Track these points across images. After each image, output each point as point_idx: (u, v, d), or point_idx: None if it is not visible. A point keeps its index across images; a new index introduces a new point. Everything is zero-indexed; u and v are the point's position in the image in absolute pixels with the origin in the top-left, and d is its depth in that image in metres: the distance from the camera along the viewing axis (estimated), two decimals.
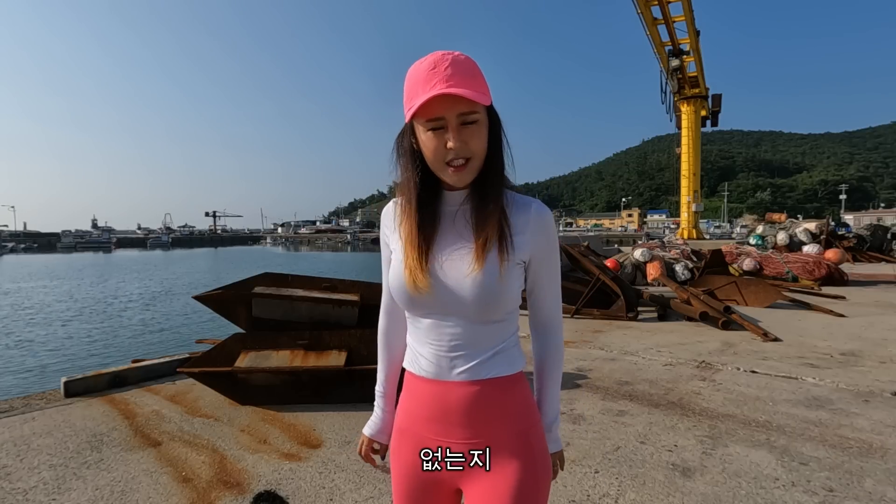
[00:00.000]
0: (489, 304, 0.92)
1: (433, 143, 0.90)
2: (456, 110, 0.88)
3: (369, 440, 1.12)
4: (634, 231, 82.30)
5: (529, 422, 0.96)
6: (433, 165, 0.93)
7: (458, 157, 0.90)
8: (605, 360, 4.50)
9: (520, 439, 0.94)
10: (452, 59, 0.88)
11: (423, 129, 0.91)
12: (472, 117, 0.89)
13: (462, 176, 0.92)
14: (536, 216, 0.97)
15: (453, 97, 0.86)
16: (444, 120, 0.88)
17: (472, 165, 0.92)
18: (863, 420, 3.03)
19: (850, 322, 6.14)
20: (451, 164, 0.91)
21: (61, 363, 9.11)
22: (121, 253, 70.06)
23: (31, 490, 2.31)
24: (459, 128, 0.89)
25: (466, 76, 0.88)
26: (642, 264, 10.57)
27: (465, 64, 0.89)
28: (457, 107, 0.87)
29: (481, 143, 0.92)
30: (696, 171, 26.09)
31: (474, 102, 0.88)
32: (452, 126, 0.88)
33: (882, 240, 15.88)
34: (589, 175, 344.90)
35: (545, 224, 0.98)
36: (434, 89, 0.86)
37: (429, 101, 0.87)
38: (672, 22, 21.67)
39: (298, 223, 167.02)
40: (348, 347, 3.43)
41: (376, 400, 1.13)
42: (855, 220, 44.82)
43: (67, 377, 3.66)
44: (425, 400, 0.96)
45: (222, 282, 4.12)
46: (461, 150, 0.89)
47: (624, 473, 2.41)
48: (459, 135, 0.89)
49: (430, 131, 0.90)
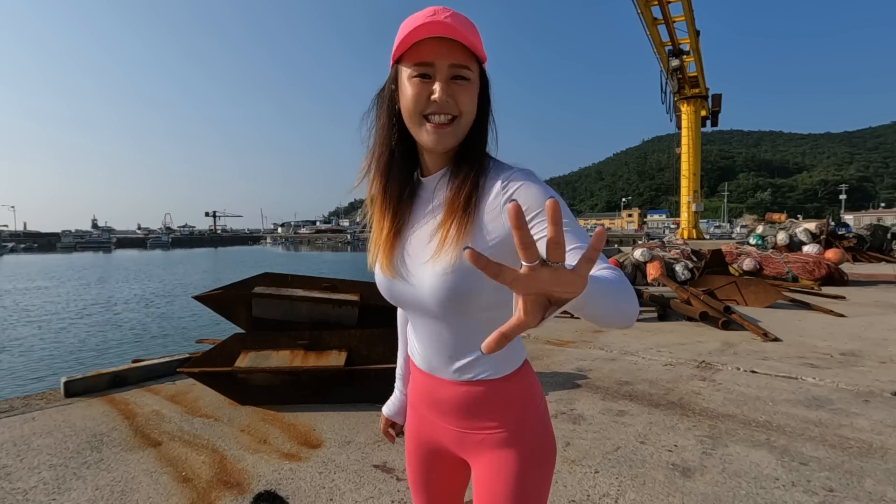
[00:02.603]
0: (451, 300, 0.80)
1: (414, 90, 0.79)
2: (449, 58, 0.78)
3: (386, 419, 1.16)
4: (634, 231, 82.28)
5: (525, 412, 0.89)
6: (410, 118, 0.82)
7: (441, 112, 0.79)
8: (605, 360, 4.50)
9: (515, 426, 0.88)
10: (453, 11, 0.80)
11: (408, 75, 0.80)
12: (465, 73, 0.80)
13: (442, 136, 0.81)
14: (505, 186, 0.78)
15: (448, 43, 0.77)
16: (433, 67, 0.78)
17: (456, 126, 0.81)
18: (863, 420, 3.03)
19: (850, 322, 6.13)
20: (430, 120, 0.80)
21: (61, 363, 9.10)
22: (121, 253, 70.05)
23: (31, 490, 2.31)
24: (449, 81, 0.79)
25: (467, 29, 0.79)
26: (642, 264, 10.57)
27: (467, 20, 0.81)
28: (451, 54, 0.78)
29: (470, 102, 0.81)
30: (696, 171, 26.12)
31: (469, 58, 0.79)
32: (442, 76, 0.79)
33: (882, 240, 15.87)
34: (589, 175, 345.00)
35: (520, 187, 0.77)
36: (428, 27, 0.76)
37: (420, 42, 0.78)
38: (672, 22, 21.70)
39: (298, 223, 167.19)
40: (348, 347, 3.43)
41: (396, 381, 1.15)
42: (855, 220, 44.82)
43: (67, 377, 3.66)
44: (420, 389, 0.97)
45: (222, 282, 4.12)
46: (446, 104, 0.79)
47: (624, 473, 2.41)
48: (448, 87, 0.79)
49: (415, 77, 0.79)
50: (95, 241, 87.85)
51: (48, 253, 67.42)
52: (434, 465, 1.00)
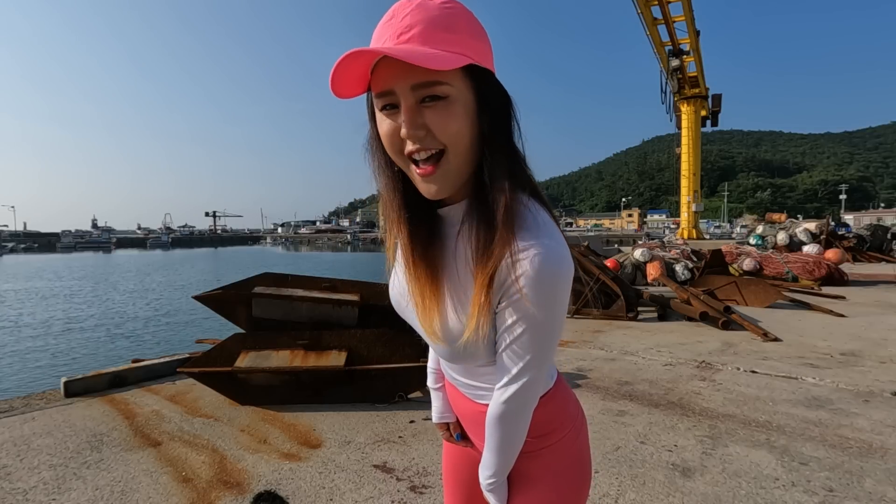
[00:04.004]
0: (455, 358, 0.78)
1: (384, 128, 0.66)
2: (408, 80, 0.62)
3: (440, 426, 1.02)
4: (634, 231, 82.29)
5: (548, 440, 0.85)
6: (396, 161, 0.69)
7: (421, 149, 0.64)
8: (605, 360, 4.50)
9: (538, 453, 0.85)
10: (420, 3, 0.63)
11: (377, 108, 0.67)
12: (436, 90, 0.62)
13: (431, 184, 0.66)
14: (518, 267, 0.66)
15: (402, 61, 0.59)
16: (395, 95, 0.64)
17: (445, 166, 0.65)
18: (863, 420, 3.03)
19: (850, 322, 6.13)
20: (415, 162, 0.66)
21: (61, 363, 9.10)
22: (120, 253, 70.05)
23: (31, 490, 2.31)
24: (417, 106, 0.63)
25: (435, 28, 0.62)
26: (642, 264, 10.57)
27: (440, 10, 0.63)
28: (408, 75, 0.61)
29: (457, 128, 0.64)
30: (696, 171, 26.11)
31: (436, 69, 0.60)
32: (406, 104, 0.63)
33: (882, 240, 15.87)
34: (589, 175, 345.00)
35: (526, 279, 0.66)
36: (369, 51, 0.61)
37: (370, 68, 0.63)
38: (672, 22, 21.69)
39: (298, 223, 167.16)
40: (348, 347, 3.43)
41: (427, 380, 1.05)
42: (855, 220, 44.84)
43: (67, 377, 3.66)
44: (450, 395, 0.97)
45: (222, 282, 4.12)
46: (417, 138, 0.64)
47: (624, 473, 2.40)
48: (415, 116, 0.63)
49: (382, 110, 0.66)
50: (95, 241, 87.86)
51: (48, 253, 67.44)
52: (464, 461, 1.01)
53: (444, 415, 1.01)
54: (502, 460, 0.81)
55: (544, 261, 0.65)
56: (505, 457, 0.81)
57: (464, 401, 0.91)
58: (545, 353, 0.72)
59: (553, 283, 0.66)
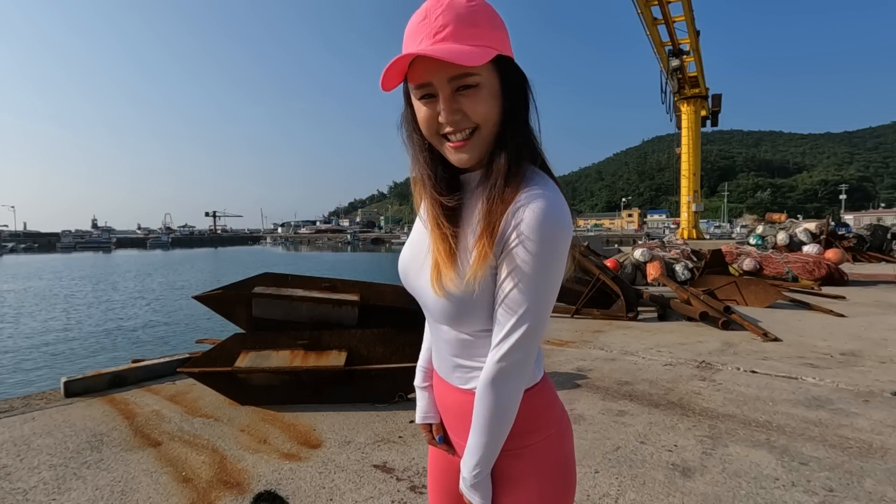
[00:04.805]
0: (456, 316, 0.81)
1: (423, 114, 0.77)
2: (445, 74, 0.72)
3: (424, 426, 1.03)
4: (634, 231, 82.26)
5: (531, 438, 0.85)
6: (430, 140, 0.80)
7: (456, 130, 0.76)
8: (605, 360, 4.50)
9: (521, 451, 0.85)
10: (448, 3, 0.72)
11: (415, 96, 0.78)
12: (470, 80, 0.73)
13: (463, 153, 0.77)
14: (513, 212, 0.74)
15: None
16: (432, 86, 0.74)
17: (477, 139, 0.76)
18: (863, 420, 3.03)
19: (850, 322, 6.13)
20: (448, 139, 0.77)
21: (61, 363, 9.11)
22: (120, 253, 70.05)
23: (31, 490, 2.31)
24: (453, 95, 0.74)
25: (463, 25, 0.72)
26: (642, 264, 10.58)
27: (466, 9, 0.73)
28: (445, 69, 0.72)
29: (486, 110, 0.75)
30: (696, 171, 26.11)
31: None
32: (444, 94, 0.74)
33: (882, 240, 15.87)
34: (589, 175, 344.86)
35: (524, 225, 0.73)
36: (413, 48, 0.72)
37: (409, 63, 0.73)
38: (672, 22, 21.68)
39: (298, 223, 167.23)
40: (348, 347, 3.43)
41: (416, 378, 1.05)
42: (855, 220, 44.85)
43: (67, 377, 3.66)
44: (436, 392, 0.98)
45: (222, 282, 4.12)
46: (456, 121, 0.75)
47: (624, 473, 2.41)
48: (452, 104, 0.74)
49: (420, 99, 0.77)
50: (95, 241, 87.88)
51: (48, 253, 67.45)
52: (448, 469, 0.99)
53: (427, 415, 1.01)
54: (490, 441, 0.80)
55: (545, 210, 0.73)
56: (493, 437, 0.80)
57: (452, 392, 0.90)
58: (540, 308, 0.75)
59: (552, 233, 0.73)
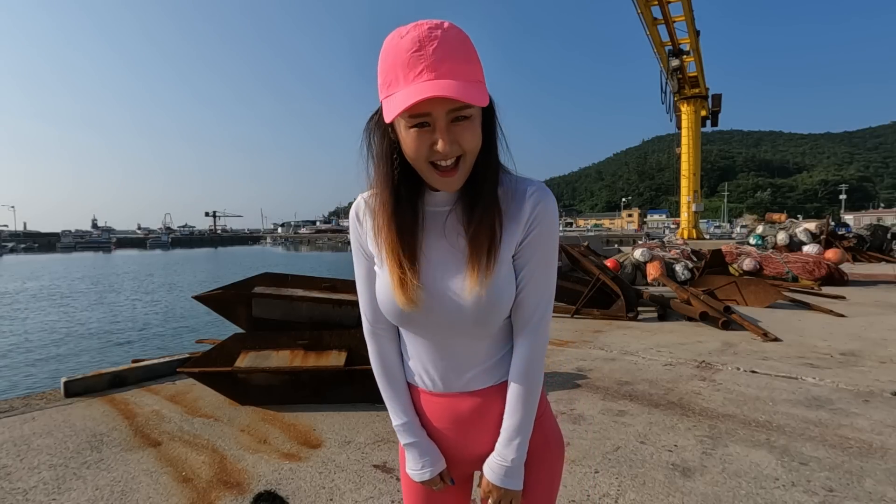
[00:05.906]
0: (489, 321, 0.86)
1: (416, 143, 0.76)
2: (446, 107, 0.73)
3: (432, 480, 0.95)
4: (634, 231, 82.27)
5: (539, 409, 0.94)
6: (415, 164, 0.80)
7: (446, 158, 0.76)
8: (605, 360, 4.50)
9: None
10: (441, 36, 0.72)
11: (405, 125, 0.76)
12: (466, 112, 0.74)
13: (452, 180, 0.79)
14: (533, 206, 0.84)
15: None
16: (430, 117, 0.74)
17: (463, 166, 0.78)
18: (863, 420, 3.03)
19: (850, 322, 6.13)
20: (437, 167, 0.78)
21: (61, 363, 9.11)
22: (120, 253, 70.05)
23: (31, 490, 2.31)
24: (449, 126, 0.75)
25: (459, 61, 0.73)
26: (642, 264, 10.57)
27: (456, 43, 0.73)
28: (447, 103, 0.73)
29: (475, 139, 0.77)
30: (696, 171, 26.12)
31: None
32: (441, 125, 0.74)
33: (882, 240, 15.87)
34: (589, 175, 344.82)
35: (543, 215, 0.84)
36: (420, 83, 0.71)
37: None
38: (672, 22, 21.69)
39: (298, 223, 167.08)
40: (348, 347, 3.43)
41: (404, 435, 0.95)
42: (855, 220, 44.85)
43: (67, 377, 3.66)
44: (436, 414, 0.94)
45: (222, 282, 4.12)
46: (453, 151, 0.76)
47: (624, 473, 2.41)
48: (449, 134, 0.75)
49: (412, 128, 0.75)
50: (95, 241, 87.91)
51: (48, 253, 67.46)
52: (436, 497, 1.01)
53: (437, 463, 0.95)
54: (531, 417, 0.90)
55: (549, 196, 0.85)
56: (532, 412, 0.90)
57: (465, 400, 0.92)
58: (554, 289, 0.90)
59: (556, 220, 0.87)
